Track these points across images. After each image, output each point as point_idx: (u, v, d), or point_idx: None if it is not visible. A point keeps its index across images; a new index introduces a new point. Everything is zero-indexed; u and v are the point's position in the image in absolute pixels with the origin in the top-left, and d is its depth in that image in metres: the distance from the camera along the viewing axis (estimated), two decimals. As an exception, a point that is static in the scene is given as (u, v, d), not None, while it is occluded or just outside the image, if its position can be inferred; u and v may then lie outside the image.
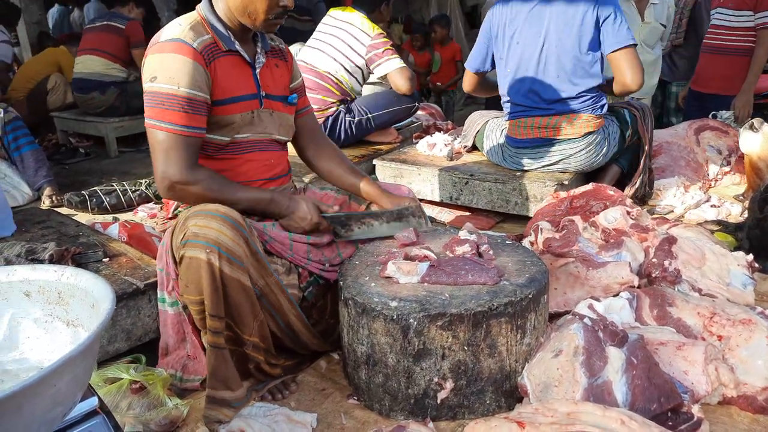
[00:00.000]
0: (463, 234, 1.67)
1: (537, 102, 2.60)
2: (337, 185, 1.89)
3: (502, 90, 2.74)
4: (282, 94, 1.74)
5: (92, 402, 0.95)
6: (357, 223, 1.63)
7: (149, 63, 1.50)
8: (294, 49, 3.45)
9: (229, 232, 1.39)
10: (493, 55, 2.73)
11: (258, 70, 1.65)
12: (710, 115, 3.53)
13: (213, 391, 1.44)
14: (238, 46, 1.59)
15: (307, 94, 3.11)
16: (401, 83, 3.14)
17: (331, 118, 3.19)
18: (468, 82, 2.88)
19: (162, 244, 1.59)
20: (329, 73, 3.14)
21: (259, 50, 1.66)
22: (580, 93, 2.52)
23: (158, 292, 1.61)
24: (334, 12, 3.31)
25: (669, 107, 4.40)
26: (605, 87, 2.61)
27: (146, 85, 1.50)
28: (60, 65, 4.84)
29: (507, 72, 2.67)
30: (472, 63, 2.80)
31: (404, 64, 3.14)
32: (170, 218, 1.74)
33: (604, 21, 2.41)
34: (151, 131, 1.49)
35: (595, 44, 2.48)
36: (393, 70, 3.11)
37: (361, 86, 3.31)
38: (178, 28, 1.52)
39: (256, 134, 1.65)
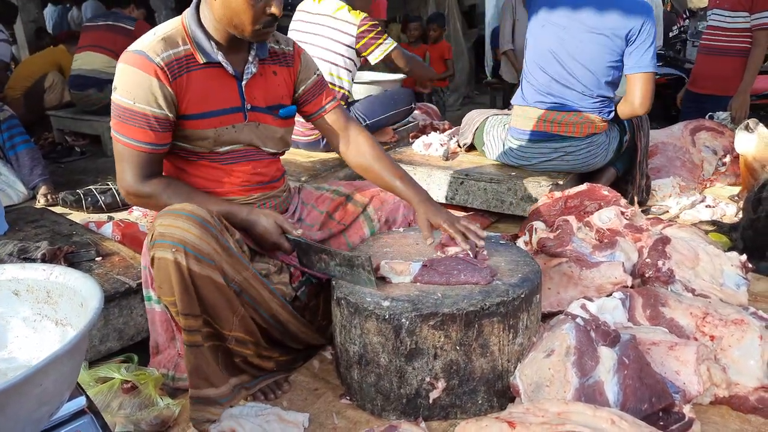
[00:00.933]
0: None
1: (547, 97, 2.61)
2: (373, 183, 1.80)
3: (523, 74, 2.74)
4: (274, 104, 1.64)
5: (80, 402, 0.94)
6: (315, 256, 1.56)
7: (116, 71, 1.47)
8: None
9: (196, 230, 1.36)
10: None
11: (245, 82, 1.56)
12: (707, 116, 3.53)
13: (196, 390, 1.41)
14: (221, 58, 1.50)
15: None
16: (401, 63, 3.08)
17: None
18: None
19: (145, 243, 1.58)
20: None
21: (251, 59, 1.57)
22: (591, 96, 2.53)
23: (144, 290, 1.59)
24: (305, 5, 3.10)
25: None
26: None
27: (112, 94, 1.48)
28: (60, 65, 4.79)
29: (529, 56, 2.68)
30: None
31: (396, 44, 3.05)
32: (159, 217, 1.73)
33: (634, 42, 2.42)
34: (113, 141, 1.49)
35: (620, 64, 2.49)
36: (391, 51, 2.99)
37: (352, 83, 3.19)
38: (148, 38, 1.47)
39: (238, 145, 1.58)
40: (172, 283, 1.35)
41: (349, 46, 2.99)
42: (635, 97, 2.45)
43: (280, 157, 1.77)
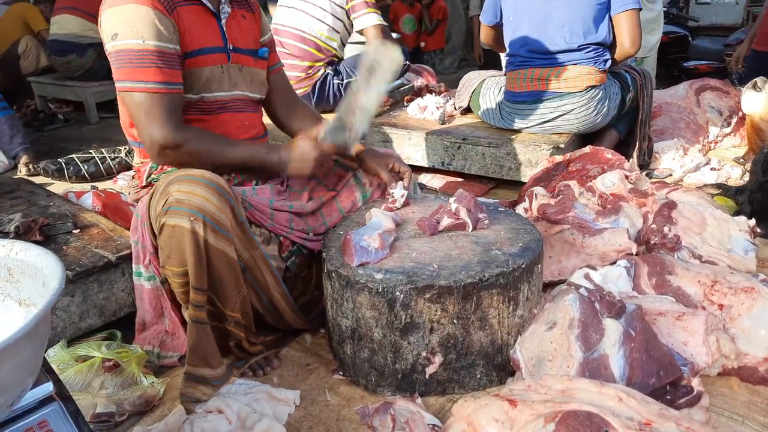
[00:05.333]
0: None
1: (536, 53, 2.50)
2: None
3: (506, 41, 2.65)
4: (251, 47, 1.61)
5: (47, 388, 0.87)
6: (347, 112, 1.49)
7: (107, 20, 1.36)
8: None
9: (215, 200, 1.29)
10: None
11: (224, 21, 1.52)
12: None
13: (192, 368, 1.35)
14: None
15: (291, 62, 2.98)
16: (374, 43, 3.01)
17: (318, 82, 3.06)
18: (484, 35, 2.88)
19: (137, 216, 1.50)
20: (312, 35, 2.98)
21: (223, 0, 1.53)
22: (582, 45, 2.43)
23: (133, 266, 1.52)
24: None
25: None
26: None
27: (109, 45, 1.37)
28: (26, 19, 4.59)
29: (510, 20, 2.59)
30: (485, 15, 2.76)
31: (381, 21, 2.98)
32: (144, 187, 1.63)
33: None
34: (126, 95, 1.37)
35: (606, 7, 2.42)
36: (370, 25, 2.93)
37: (345, 44, 3.13)
38: None
39: (227, 92, 1.54)
40: (186, 253, 1.28)
41: (341, 7, 2.94)
42: (624, 38, 2.44)
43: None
